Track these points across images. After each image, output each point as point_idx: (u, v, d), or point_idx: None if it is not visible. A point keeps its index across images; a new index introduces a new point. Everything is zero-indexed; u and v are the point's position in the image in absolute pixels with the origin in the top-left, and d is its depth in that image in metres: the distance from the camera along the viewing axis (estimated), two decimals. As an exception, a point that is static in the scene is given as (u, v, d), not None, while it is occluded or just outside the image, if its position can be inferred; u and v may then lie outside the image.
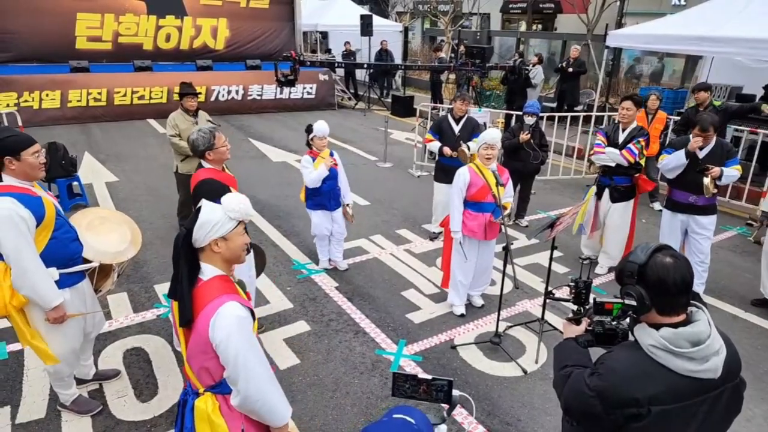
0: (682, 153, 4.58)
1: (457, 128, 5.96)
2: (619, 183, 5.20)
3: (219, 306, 1.85)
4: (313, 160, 4.97)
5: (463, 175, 4.28)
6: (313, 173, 4.94)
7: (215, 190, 3.51)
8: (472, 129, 5.97)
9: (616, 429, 1.61)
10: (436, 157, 6.25)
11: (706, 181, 4.54)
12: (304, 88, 14.11)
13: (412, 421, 1.17)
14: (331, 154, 5.04)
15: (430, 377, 1.43)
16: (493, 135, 4.23)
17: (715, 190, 4.61)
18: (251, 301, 2.11)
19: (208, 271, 1.95)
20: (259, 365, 1.92)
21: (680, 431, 1.60)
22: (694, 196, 4.66)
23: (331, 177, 5.04)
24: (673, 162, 4.65)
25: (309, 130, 5.01)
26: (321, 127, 4.91)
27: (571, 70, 11.43)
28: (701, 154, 4.61)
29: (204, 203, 1.98)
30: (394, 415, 1.20)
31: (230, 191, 3.61)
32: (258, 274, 4.11)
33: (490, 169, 4.21)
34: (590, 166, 5.56)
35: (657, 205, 7.62)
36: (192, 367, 1.98)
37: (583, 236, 5.74)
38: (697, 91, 7.14)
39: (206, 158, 3.63)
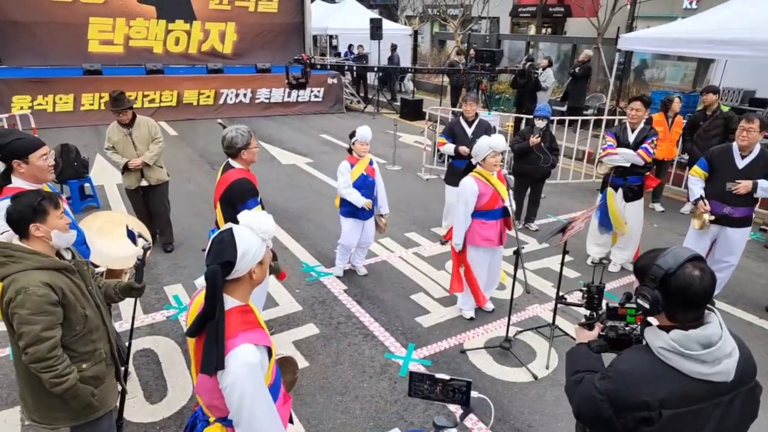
0: (698, 191, 4.60)
1: (470, 131, 5.96)
2: (633, 182, 5.25)
3: (231, 348, 1.75)
4: (352, 167, 4.86)
5: (470, 186, 4.16)
6: (345, 191, 4.84)
7: (253, 189, 3.56)
8: (485, 131, 5.96)
9: None
10: (449, 160, 6.22)
11: (706, 217, 4.52)
12: (312, 91, 14.12)
13: None
14: (371, 163, 4.97)
15: (447, 377, 1.40)
16: (500, 142, 4.16)
17: (707, 226, 4.60)
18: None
19: (228, 303, 1.84)
20: (264, 416, 1.81)
21: None
22: (729, 207, 4.51)
23: (367, 186, 4.93)
24: (690, 192, 4.71)
25: (352, 135, 4.91)
26: (364, 132, 4.81)
27: (574, 71, 11.38)
28: (741, 165, 4.47)
29: (235, 231, 1.83)
30: None
31: (257, 192, 3.65)
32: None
33: (494, 175, 4.19)
34: (597, 167, 5.53)
35: (658, 207, 7.56)
36: (202, 399, 1.93)
37: (590, 235, 5.74)
38: (705, 93, 7.09)
39: (240, 158, 3.62)
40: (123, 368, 2.75)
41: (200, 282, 1.84)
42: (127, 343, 2.94)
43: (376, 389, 3.72)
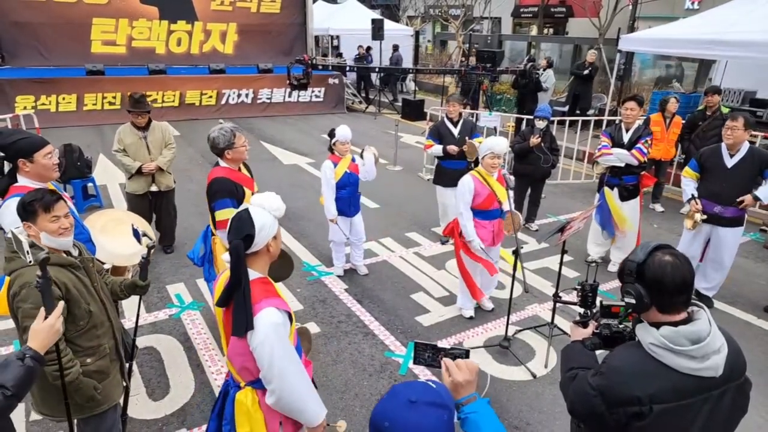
0: (690, 190, 4.71)
1: (455, 131, 6.01)
2: (628, 182, 5.29)
3: (257, 312, 1.92)
4: (335, 166, 4.92)
5: (467, 183, 4.21)
6: (324, 197, 4.95)
7: (226, 190, 3.55)
8: (470, 130, 6.04)
9: (620, 428, 1.62)
10: (437, 161, 6.26)
11: (697, 217, 4.57)
12: (313, 91, 14.16)
13: (434, 386, 1.29)
14: (353, 160, 5.02)
15: (448, 347, 1.52)
16: (501, 144, 4.19)
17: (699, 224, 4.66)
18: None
19: (250, 274, 2.01)
20: (293, 367, 1.98)
21: (683, 430, 1.61)
22: (719, 206, 4.58)
23: (351, 183, 5.00)
24: (683, 192, 4.82)
25: (332, 134, 4.94)
26: (343, 132, 4.86)
27: (588, 72, 11.33)
28: (730, 164, 4.53)
29: (250, 210, 2.00)
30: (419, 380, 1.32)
31: (243, 191, 3.67)
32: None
33: (493, 176, 4.23)
34: (594, 167, 5.56)
35: (659, 207, 7.58)
36: (234, 365, 2.07)
37: (590, 235, 5.78)
38: (711, 94, 7.08)
39: (225, 157, 3.64)
40: (128, 364, 2.80)
41: (225, 257, 2.03)
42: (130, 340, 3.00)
43: (376, 387, 3.76)
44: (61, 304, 1.96)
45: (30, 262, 2.03)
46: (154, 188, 5.42)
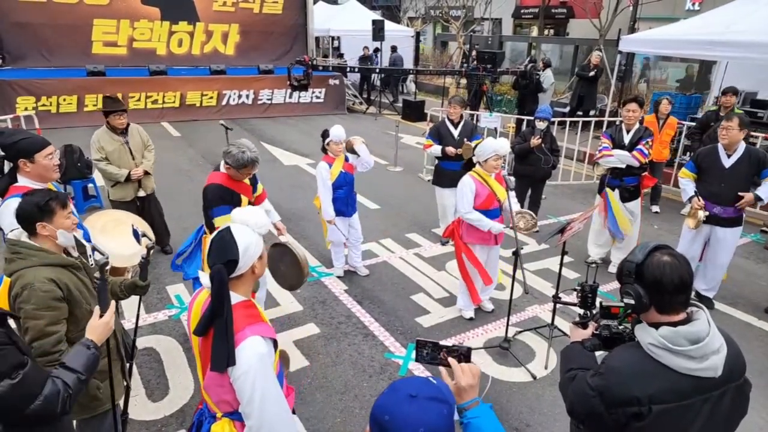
0: (690, 190, 4.71)
1: (456, 132, 6.01)
2: (628, 183, 5.28)
3: (240, 341, 1.78)
4: (330, 166, 4.92)
5: (468, 183, 4.22)
6: (321, 199, 4.94)
7: (220, 197, 3.57)
8: (471, 131, 6.05)
9: (620, 428, 1.62)
10: (436, 162, 6.27)
11: (701, 215, 4.56)
12: (313, 92, 14.15)
13: (434, 382, 1.30)
14: (346, 159, 5.02)
15: (450, 344, 1.53)
16: (505, 146, 4.22)
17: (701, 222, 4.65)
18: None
19: (232, 299, 1.85)
20: (276, 405, 1.84)
21: (683, 430, 1.60)
22: (719, 207, 4.60)
23: (347, 183, 5.01)
24: (683, 192, 4.82)
25: (325, 135, 4.93)
26: (337, 132, 4.84)
27: (591, 75, 11.30)
28: (727, 164, 4.54)
29: (233, 229, 1.86)
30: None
31: (240, 198, 3.65)
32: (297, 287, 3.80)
33: (492, 177, 4.24)
34: (594, 168, 5.54)
35: (656, 208, 7.58)
36: (211, 397, 1.94)
37: (590, 236, 5.77)
38: (730, 94, 7.04)
39: (224, 165, 3.65)
40: (128, 364, 2.81)
41: (206, 282, 1.87)
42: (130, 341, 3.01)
43: (376, 389, 3.75)
44: (113, 304, 2.07)
45: (92, 265, 2.06)
46: (141, 193, 5.37)
